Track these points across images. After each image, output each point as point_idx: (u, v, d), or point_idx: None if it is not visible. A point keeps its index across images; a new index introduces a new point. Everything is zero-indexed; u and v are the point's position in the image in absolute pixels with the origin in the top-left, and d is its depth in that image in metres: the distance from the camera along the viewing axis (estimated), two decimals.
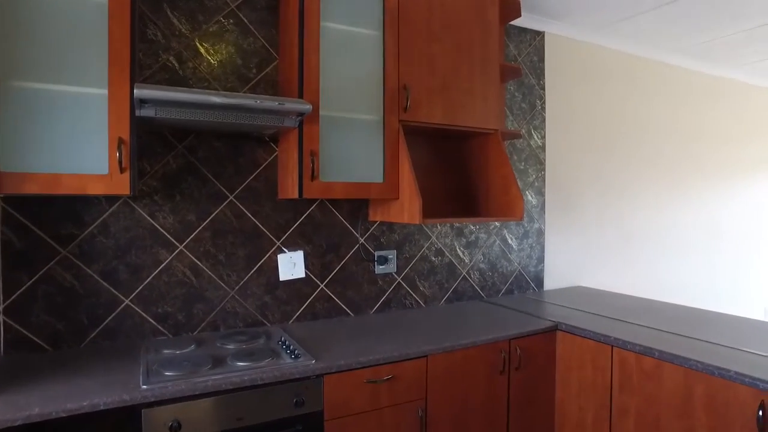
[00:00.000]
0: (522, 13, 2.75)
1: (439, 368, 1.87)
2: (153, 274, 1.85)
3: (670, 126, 3.75)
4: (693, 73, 3.91)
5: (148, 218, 1.84)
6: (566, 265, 3.12)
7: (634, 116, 3.52)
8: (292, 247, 2.12)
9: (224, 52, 1.95)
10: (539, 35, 2.90)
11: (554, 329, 2.20)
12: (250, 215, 2.02)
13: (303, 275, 2.15)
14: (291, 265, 2.11)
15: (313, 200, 2.17)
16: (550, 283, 3.03)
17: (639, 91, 3.54)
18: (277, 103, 1.57)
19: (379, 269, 2.37)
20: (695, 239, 3.99)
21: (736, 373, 1.60)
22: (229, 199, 1.98)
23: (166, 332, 1.88)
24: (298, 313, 2.15)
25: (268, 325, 2.08)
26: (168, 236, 1.87)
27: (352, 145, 1.94)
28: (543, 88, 2.92)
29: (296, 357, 1.62)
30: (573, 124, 3.13)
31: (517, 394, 2.09)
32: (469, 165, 2.46)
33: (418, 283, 2.50)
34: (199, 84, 1.91)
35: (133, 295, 1.82)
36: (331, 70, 1.86)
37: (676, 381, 1.76)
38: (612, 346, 1.97)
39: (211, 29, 1.93)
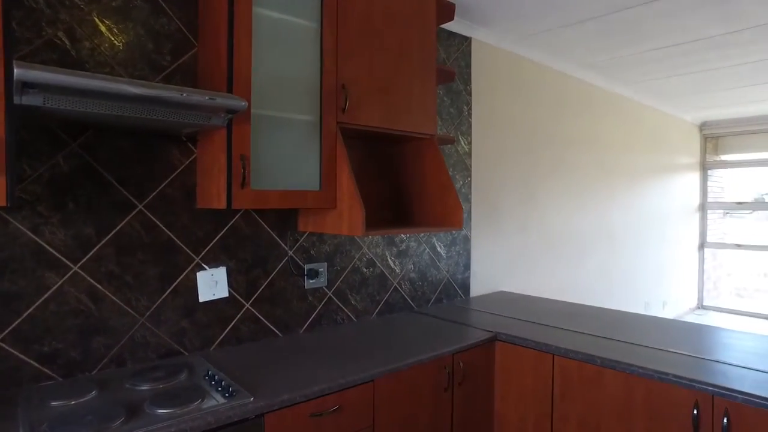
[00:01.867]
0: None
1: (386, 391, 1.72)
2: (36, 304, 1.48)
3: (578, 135, 3.97)
4: (596, 87, 4.19)
5: (29, 233, 1.47)
6: (490, 271, 3.15)
7: (550, 125, 3.67)
8: (214, 264, 1.85)
9: (131, 32, 1.64)
10: (467, 41, 2.89)
11: (493, 340, 2.16)
12: (163, 227, 1.72)
13: (226, 294, 1.88)
14: (212, 284, 1.84)
15: (237, 210, 1.91)
16: (475, 290, 3.03)
17: (553, 102, 3.70)
18: (206, 98, 1.32)
19: (309, 284, 2.17)
20: (595, 242, 4.28)
21: (674, 375, 1.65)
22: (137, 209, 1.66)
23: (54, 375, 1.51)
24: (221, 338, 1.88)
25: (187, 354, 1.78)
26: (57, 255, 1.51)
27: (287, 149, 1.73)
28: (470, 94, 2.91)
29: (231, 395, 1.38)
30: (496, 130, 3.17)
31: (460, 409, 2.01)
32: (404, 171, 2.35)
33: (349, 296, 2.34)
34: (99, 69, 1.57)
35: (6, 332, 1.43)
36: (264, 63, 1.64)
37: (617, 386, 1.79)
38: (553, 354, 1.97)
39: (113, 3, 1.60)
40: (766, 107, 5.45)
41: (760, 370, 1.69)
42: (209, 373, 1.54)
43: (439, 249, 2.79)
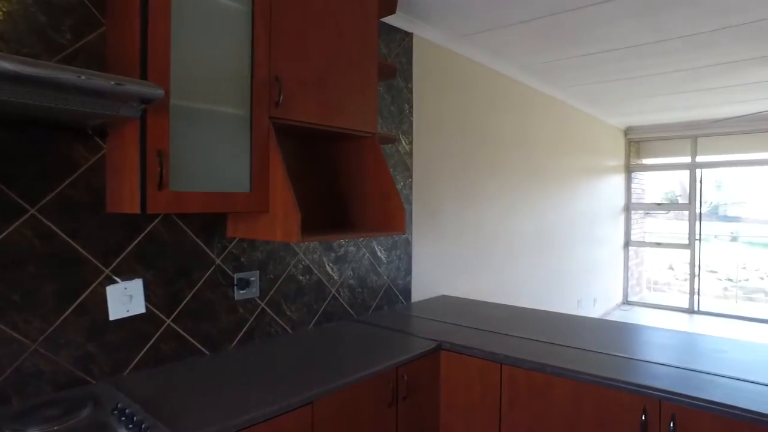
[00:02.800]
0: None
1: (326, 413, 1.57)
2: None
3: (513, 136, 4.00)
4: (531, 89, 4.25)
5: None
6: (430, 275, 3.07)
7: (487, 126, 3.66)
8: (128, 276, 1.61)
9: (16, 0, 1.37)
10: (408, 36, 2.79)
11: (438, 349, 2.07)
12: (63, 235, 1.47)
13: (143, 310, 1.65)
14: (126, 299, 1.60)
15: (156, 214, 1.69)
16: (416, 295, 2.94)
17: (490, 102, 3.69)
18: (112, 83, 1.11)
19: (240, 294, 1.97)
20: (529, 242, 4.34)
21: (622, 381, 1.62)
22: (29, 213, 1.40)
23: None
24: (136, 360, 1.65)
25: (94, 382, 1.54)
26: None
27: (213, 146, 1.54)
28: (411, 92, 2.82)
29: None
30: (437, 130, 3.10)
31: (405, 425, 1.90)
32: (343, 171, 2.21)
33: (284, 306, 2.16)
34: None
35: None
36: (186, 47, 1.44)
37: (567, 395, 1.74)
38: (501, 363, 1.90)
39: None
40: (684, 114, 5.80)
41: (699, 371, 1.70)
42: (119, 406, 1.32)
43: (379, 254, 2.67)
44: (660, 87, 4.45)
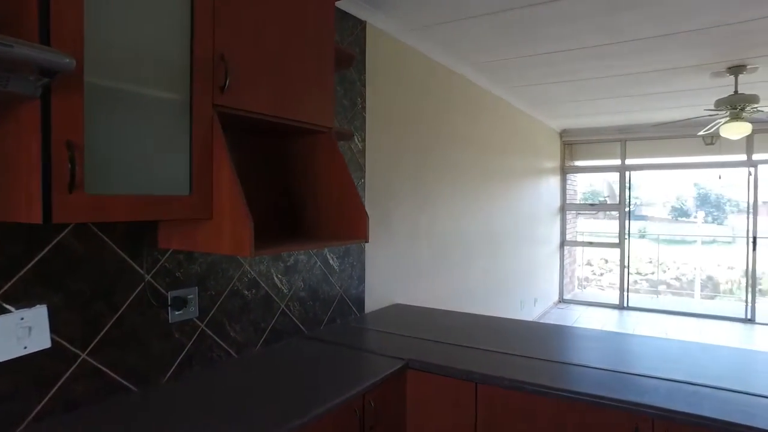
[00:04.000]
0: None
1: None
2: None
3: (464, 136, 3.89)
4: (480, 88, 4.17)
5: None
6: (384, 283, 2.87)
7: (439, 124, 3.52)
8: (25, 302, 1.27)
9: None
10: (361, 24, 2.56)
11: (405, 369, 1.86)
12: None
13: (48, 344, 1.31)
14: (22, 332, 1.26)
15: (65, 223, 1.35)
16: (370, 305, 2.72)
17: (442, 100, 3.55)
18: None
19: (175, 316, 1.66)
20: (479, 245, 4.26)
21: (610, 399, 1.50)
22: None
23: None
24: (38, 410, 1.30)
25: None
26: None
27: (142, 137, 1.23)
28: (364, 85, 2.59)
29: None
30: (390, 127, 2.90)
31: None
32: (293, 171, 1.94)
33: (228, 327, 1.86)
34: None
35: None
36: (105, 11, 1.13)
37: (550, 416, 1.60)
38: (476, 383, 1.73)
39: None
40: (616, 118, 6.02)
41: (685, 382, 1.62)
42: None
43: (331, 262, 2.43)
44: (599, 91, 4.54)
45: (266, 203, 1.90)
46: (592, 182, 9.29)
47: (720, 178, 6.29)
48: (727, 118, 3.76)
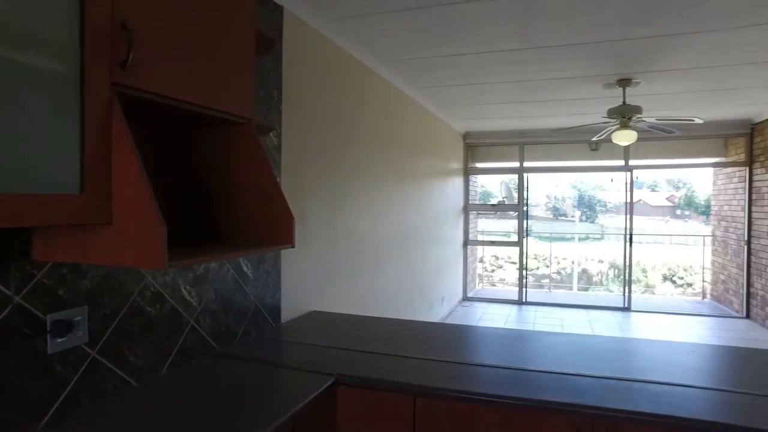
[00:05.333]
0: None
1: None
2: None
3: (379, 135, 3.80)
4: (393, 86, 4.11)
5: None
6: (301, 290, 2.67)
7: (358, 123, 3.39)
8: None
9: None
10: (278, 10, 2.35)
11: (335, 385, 1.70)
12: None
13: None
14: None
15: None
16: (286, 314, 2.52)
17: (361, 97, 3.44)
18: None
19: (57, 345, 1.34)
20: (393, 246, 4.21)
21: (556, 403, 1.47)
22: None
23: None
24: None
25: None
26: None
27: (15, 118, 0.95)
28: (280, 75, 2.38)
29: None
30: (306, 123, 2.71)
31: None
32: (210, 166, 1.70)
33: (126, 351, 1.57)
34: None
35: None
36: None
37: (493, 424, 1.54)
38: (414, 396, 1.62)
39: None
40: (515, 123, 6.33)
41: (616, 378, 1.65)
42: None
43: (245, 269, 2.19)
44: (503, 95, 4.71)
45: (178, 204, 1.63)
46: (484, 183, 9.80)
47: (612, 181, 6.90)
48: (618, 126, 4.08)
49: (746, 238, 6.07)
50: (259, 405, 1.48)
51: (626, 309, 6.58)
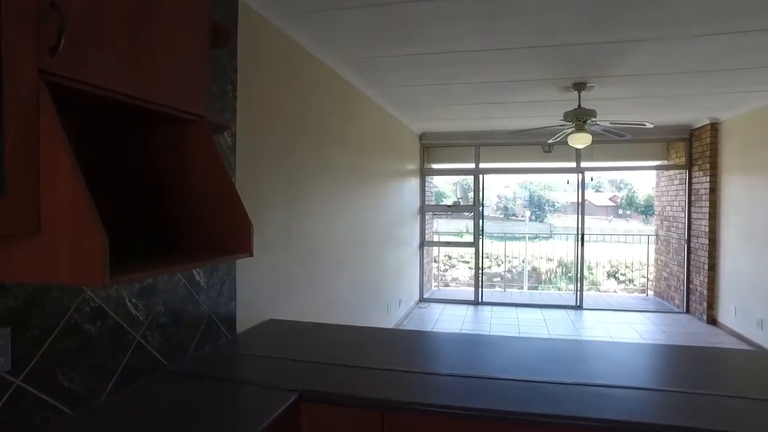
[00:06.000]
0: None
1: None
2: None
3: (337, 135, 3.69)
4: (352, 86, 4.01)
5: None
6: (257, 298, 2.53)
7: (317, 123, 3.27)
8: None
9: None
10: (233, 1, 2.19)
11: (298, 402, 1.59)
12: None
13: None
14: None
15: None
16: (242, 323, 2.37)
17: (319, 96, 3.32)
18: None
19: None
20: (351, 250, 4.10)
21: (540, 416, 1.42)
22: None
23: None
24: None
25: None
26: None
27: None
28: (235, 71, 2.23)
29: None
30: (263, 122, 2.57)
31: None
32: (159, 168, 1.54)
33: (60, 376, 1.39)
34: None
35: None
36: None
37: None
38: (383, 412, 1.53)
39: None
40: (471, 124, 6.37)
41: (588, 384, 1.62)
42: None
43: (197, 278, 2.04)
44: (462, 96, 4.71)
45: (122, 209, 1.46)
46: (437, 184, 9.89)
47: (568, 183, 7.06)
48: (573, 129, 4.16)
49: (686, 237, 6.38)
50: (213, 429, 1.34)
51: (578, 307, 6.77)
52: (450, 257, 12.01)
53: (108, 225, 0.97)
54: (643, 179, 21.49)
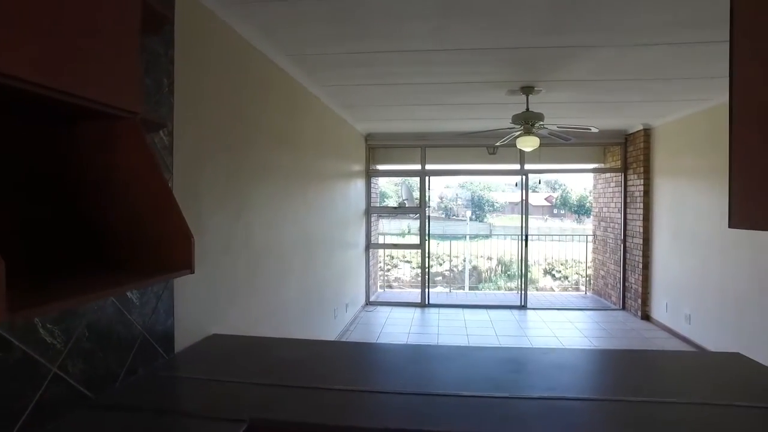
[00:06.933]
0: None
1: None
2: None
3: (281, 135, 3.50)
4: (297, 83, 3.83)
5: None
6: (198, 312, 2.31)
7: (261, 121, 3.07)
8: None
9: None
10: None
11: None
12: None
13: None
14: None
15: None
16: (181, 341, 2.14)
17: (263, 93, 3.13)
18: None
19: None
20: (296, 254, 3.92)
21: None
22: None
23: None
24: None
25: None
26: None
27: None
28: (172, 62, 2.01)
29: None
30: (202, 119, 2.35)
31: None
32: (82, 171, 1.32)
33: None
34: None
35: None
36: None
37: None
38: None
39: None
40: (417, 125, 6.32)
41: (562, 398, 1.56)
42: None
43: (129, 294, 1.80)
44: (409, 97, 4.63)
45: (32, 220, 1.23)
46: (380, 184, 9.83)
47: (516, 185, 7.16)
48: (522, 132, 4.19)
49: (623, 237, 6.67)
50: None
51: (523, 307, 6.90)
52: (392, 257, 12.00)
53: (24, 239, 0.78)
54: (576, 180, 22.56)
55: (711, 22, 2.65)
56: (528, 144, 4.18)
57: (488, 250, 12.62)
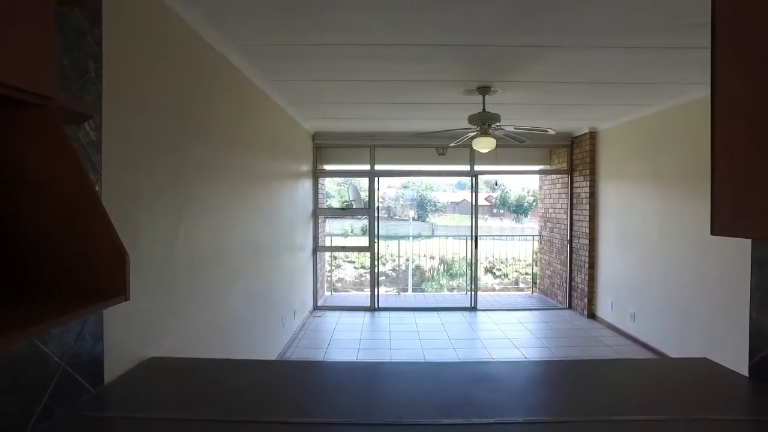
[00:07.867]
0: None
1: None
2: None
3: (228, 133, 3.21)
4: (246, 78, 3.55)
5: None
6: (134, 333, 2.01)
7: (206, 118, 2.77)
8: None
9: None
10: None
11: None
12: None
13: None
14: None
15: None
16: (112, 369, 1.83)
17: (209, 87, 2.84)
18: None
19: None
20: (242, 261, 3.62)
21: None
22: None
23: None
24: None
25: None
26: None
27: None
28: (99, 43, 1.69)
29: None
30: (139, 112, 2.05)
31: None
32: None
33: None
34: None
35: None
36: None
37: None
38: None
39: None
40: (367, 124, 6.14)
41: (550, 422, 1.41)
42: None
43: None
44: (362, 94, 4.44)
45: None
46: (324, 185, 9.61)
47: (471, 186, 7.11)
48: (477, 133, 4.10)
49: (569, 238, 6.81)
50: None
51: (473, 309, 6.89)
52: (335, 257, 11.76)
53: None
54: (515, 181, 23.24)
55: (667, 28, 2.65)
56: (484, 145, 4.10)
57: (431, 250, 12.64)
